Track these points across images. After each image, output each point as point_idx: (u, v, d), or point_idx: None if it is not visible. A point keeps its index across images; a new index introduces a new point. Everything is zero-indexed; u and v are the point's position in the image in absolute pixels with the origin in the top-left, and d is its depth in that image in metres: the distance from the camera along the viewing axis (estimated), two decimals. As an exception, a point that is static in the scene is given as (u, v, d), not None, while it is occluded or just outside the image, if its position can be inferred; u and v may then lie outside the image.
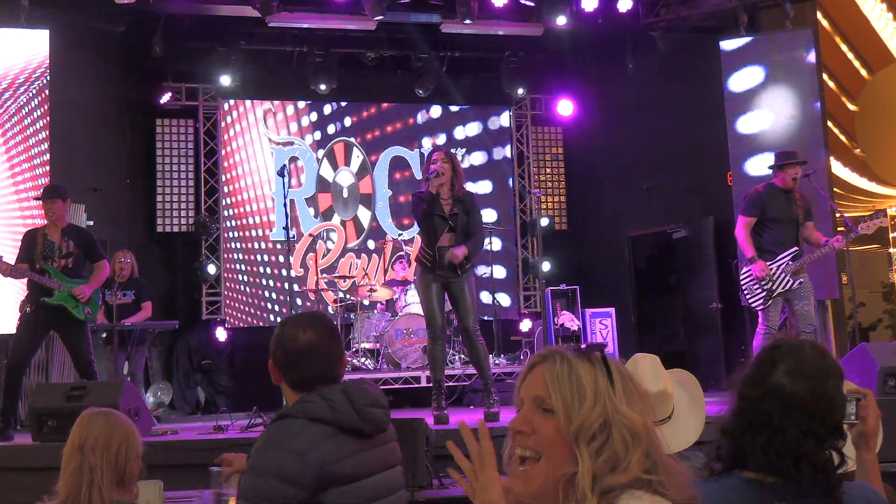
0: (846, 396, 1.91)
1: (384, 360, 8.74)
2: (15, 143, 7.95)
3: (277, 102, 10.82)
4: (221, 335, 10.09)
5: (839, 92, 10.30)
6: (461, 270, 6.15)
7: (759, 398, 1.82)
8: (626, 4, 9.29)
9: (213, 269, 10.31)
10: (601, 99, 11.00)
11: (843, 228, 7.25)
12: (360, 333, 8.97)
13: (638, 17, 9.60)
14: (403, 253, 9.79)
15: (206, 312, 10.32)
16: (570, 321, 9.30)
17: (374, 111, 11.13)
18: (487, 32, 10.08)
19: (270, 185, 10.57)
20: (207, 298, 10.37)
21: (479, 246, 6.41)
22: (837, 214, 7.80)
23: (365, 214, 10.92)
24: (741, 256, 6.87)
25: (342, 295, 9.54)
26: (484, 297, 10.26)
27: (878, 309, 12.42)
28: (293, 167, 10.65)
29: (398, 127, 11.18)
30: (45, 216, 6.40)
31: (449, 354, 8.43)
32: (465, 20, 9.20)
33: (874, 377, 5.65)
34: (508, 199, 11.43)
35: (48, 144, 8.00)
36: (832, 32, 9.85)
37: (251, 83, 10.41)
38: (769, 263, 6.31)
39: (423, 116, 11.26)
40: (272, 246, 10.60)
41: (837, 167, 9.99)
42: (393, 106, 11.20)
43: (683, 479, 1.45)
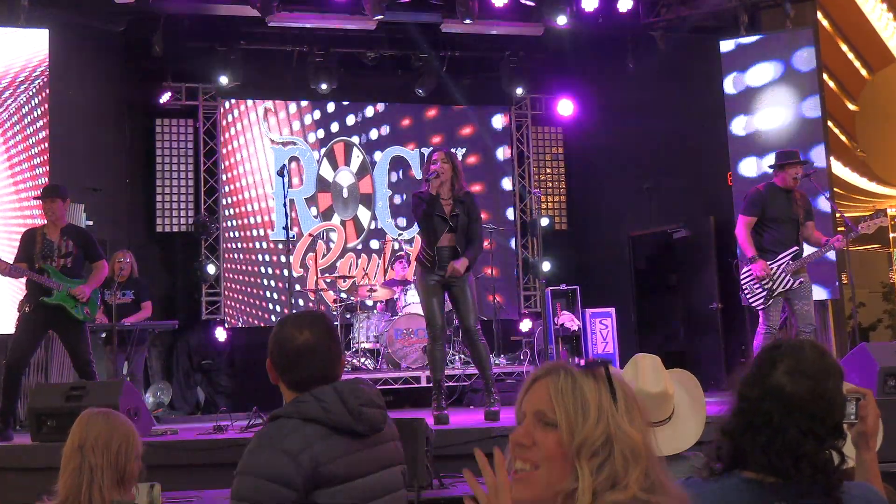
0: (846, 396, 1.90)
1: (384, 360, 8.74)
2: (15, 142, 7.95)
3: (277, 102, 10.82)
4: (221, 335, 10.09)
5: (839, 92, 10.30)
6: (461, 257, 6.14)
7: (758, 398, 1.81)
8: (626, 4, 9.28)
9: (212, 268, 10.31)
10: (601, 99, 10.99)
11: (843, 228, 7.25)
12: (360, 333, 8.96)
13: (638, 16, 9.59)
14: (403, 253, 9.79)
15: (205, 312, 10.32)
16: (570, 321, 9.29)
17: (374, 111, 11.12)
18: (487, 32, 10.07)
19: (270, 184, 10.57)
20: (207, 298, 10.36)
21: (479, 252, 6.39)
22: (838, 214, 7.80)
23: (365, 214, 10.92)
24: (741, 256, 6.87)
25: (342, 295, 9.54)
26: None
27: (878, 309, 12.41)
28: (293, 167, 10.64)
29: (398, 127, 11.18)
30: (44, 216, 6.39)
31: (449, 354, 8.42)
32: (465, 20, 9.19)
33: (874, 377, 5.65)
34: (508, 198, 11.43)
35: (48, 144, 7.99)
36: (832, 32, 9.85)
37: (251, 83, 10.40)
38: (769, 263, 6.30)
39: (422, 116, 11.25)
40: (272, 246, 10.60)
41: (838, 167, 9.99)
42: (393, 106, 11.20)
43: (681, 501, 1.45)
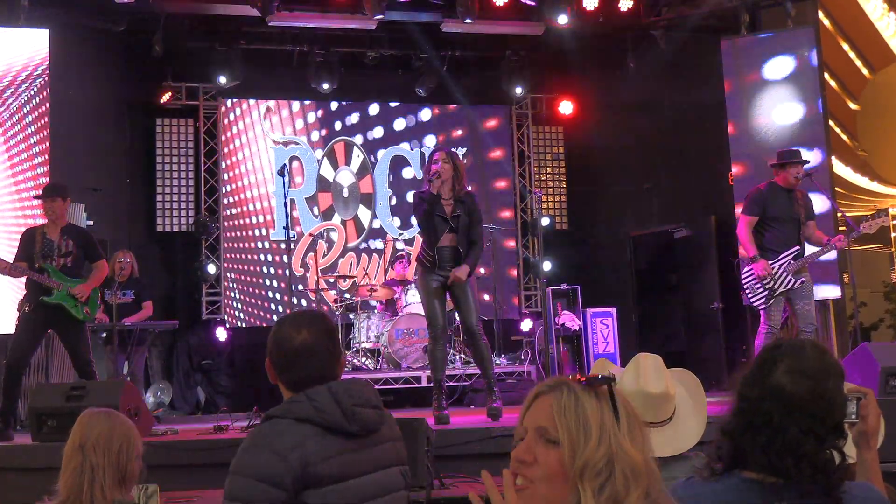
0: (847, 395, 1.90)
1: (384, 360, 8.73)
2: (16, 141, 7.95)
3: (278, 102, 10.80)
4: (221, 335, 10.08)
5: (841, 91, 10.29)
6: (462, 264, 6.12)
7: (759, 398, 1.81)
8: (627, 3, 9.28)
9: (213, 268, 10.30)
10: (602, 98, 10.99)
11: (844, 228, 7.23)
12: (360, 333, 8.96)
13: (639, 16, 9.59)
14: (404, 253, 9.78)
15: (206, 312, 10.31)
16: (570, 321, 9.29)
17: (374, 110, 11.11)
18: (488, 32, 10.07)
19: (270, 184, 10.56)
20: (207, 298, 10.36)
21: (480, 255, 6.37)
22: (839, 214, 7.79)
23: (365, 214, 10.91)
24: (743, 256, 6.86)
25: (343, 295, 9.53)
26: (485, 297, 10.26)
27: (879, 309, 12.38)
28: (293, 166, 10.63)
29: (399, 126, 11.16)
30: (44, 215, 6.38)
31: (449, 354, 8.41)
32: (465, 19, 9.18)
33: (875, 377, 5.63)
34: (509, 198, 11.41)
35: (48, 144, 7.99)
36: (833, 31, 9.84)
37: (251, 82, 10.39)
38: (771, 262, 6.29)
39: (423, 116, 11.24)
40: (272, 245, 10.59)
41: (839, 167, 9.98)
42: (393, 105, 11.19)
43: None
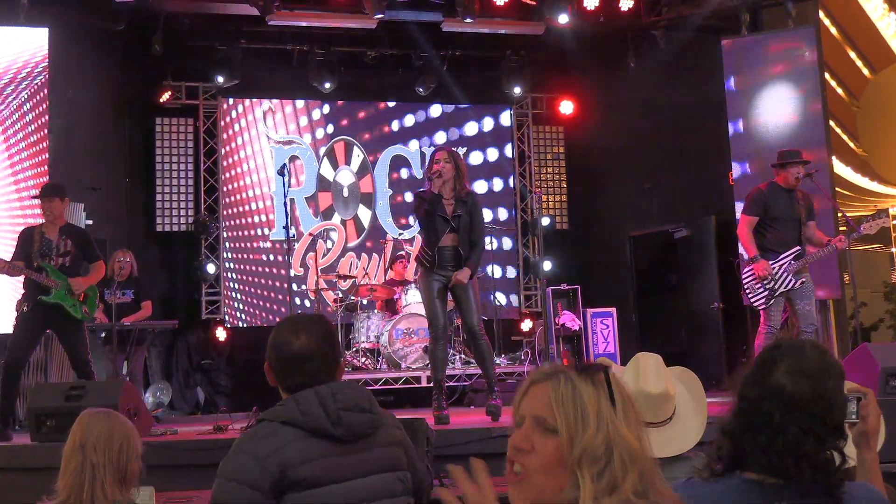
0: (847, 396, 1.90)
1: (384, 360, 8.72)
2: (16, 140, 7.95)
3: (277, 101, 10.81)
4: (221, 335, 10.08)
5: (841, 91, 10.28)
6: (464, 266, 6.10)
7: (759, 398, 1.80)
8: (627, 3, 9.28)
9: (212, 268, 10.30)
10: (602, 98, 10.98)
11: (845, 228, 7.22)
12: (360, 333, 8.94)
13: (639, 15, 9.59)
14: (404, 253, 9.77)
15: (205, 312, 10.31)
16: (571, 321, 9.28)
17: (374, 110, 11.11)
18: (488, 31, 10.06)
19: (270, 184, 10.56)
20: (207, 298, 10.36)
21: (480, 256, 6.34)
22: (839, 214, 7.78)
23: (365, 214, 10.90)
24: (743, 256, 6.85)
25: (342, 295, 9.52)
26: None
27: (879, 309, 12.35)
28: (293, 166, 10.63)
29: (399, 126, 11.16)
30: (42, 215, 6.36)
31: (449, 354, 8.40)
32: (465, 19, 9.18)
33: (876, 377, 5.61)
34: (509, 198, 11.41)
35: (47, 143, 7.98)
36: (834, 31, 9.83)
37: (251, 82, 10.39)
38: (771, 263, 6.28)
39: (423, 115, 11.24)
40: (272, 245, 10.59)
41: (839, 167, 9.96)
42: (393, 105, 11.18)
43: (672, 499, 1.46)
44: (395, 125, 11.15)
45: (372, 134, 11.06)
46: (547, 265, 9.86)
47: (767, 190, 6.45)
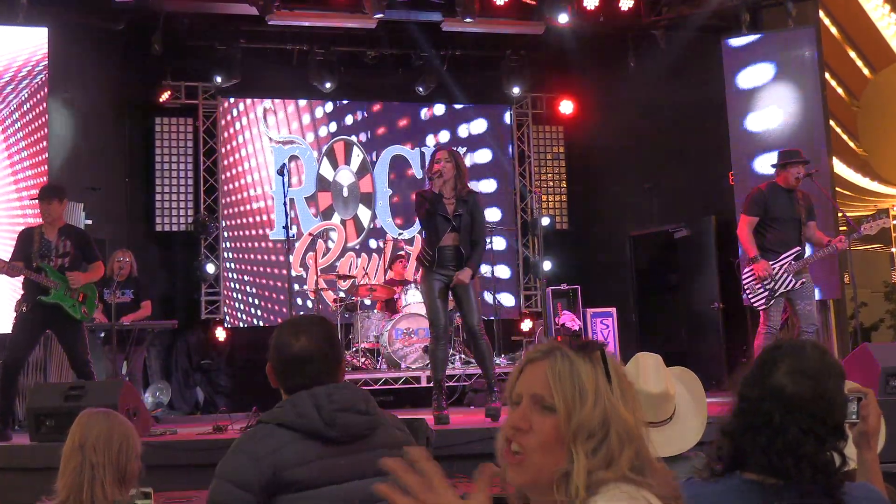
0: (847, 396, 1.89)
1: (384, 360, 8.71)
2: (16, 139, 7.94)
3: (277, 101, 10.80)
4: (220, 335, 10.07)
5: (841, 91, 10.27)
6: (465, 266, 6.09)
7: (759, 398, 1.80)
8: (627, 3, 9.27)
9: (212, 268, 10.29)
10: (602, 98, 10.97)
11: (845, 228, 7.22)
12: (359, 333, 8.94)
13: (640, 15, 9.58)
14: (404, 252, 9.76)
15: (205, 312, 10.30)
16: (570, 321, 9.27)
17: (374, 110, 11.10)
18: (488, 31, 10.05)
19: (270, 183, 10.55)
20: (206, 298, 10.35)
21: (482, 256, 6.34)
22: (840, 214, 7.78)
23: (365, 213, 10.90)
24: (743, 256, 6.84)
25: (342, 294, 9.51)
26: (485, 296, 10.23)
27: (880, 309, 12.35)
28: (293, 166, 10.62)
29: (399, 126, 11.15)
30: (41, 216, 6.35)
31: (448, 354, 8.39)
32: (465, 18, 9.17)
33: (876, 377, 5.61)
34: (509, 198, 11.40)
35: (47, 143, 7.97)
36: (834, 31, 9.83)
37: (251, 81, 10.37)
38: (771, 263, 6.28)
39: (423, 115, 11.23)
40: (272, 245, 10.58)
41: (840, 166, 9.96)
42: (393, 104, 11.17)
43: (669, 478, 1.45)
44: (394, 125, 11.14)
45: (372, 134, 11.05)
46: (547, 265, 9.86)
47: (767, 190, 6.45)
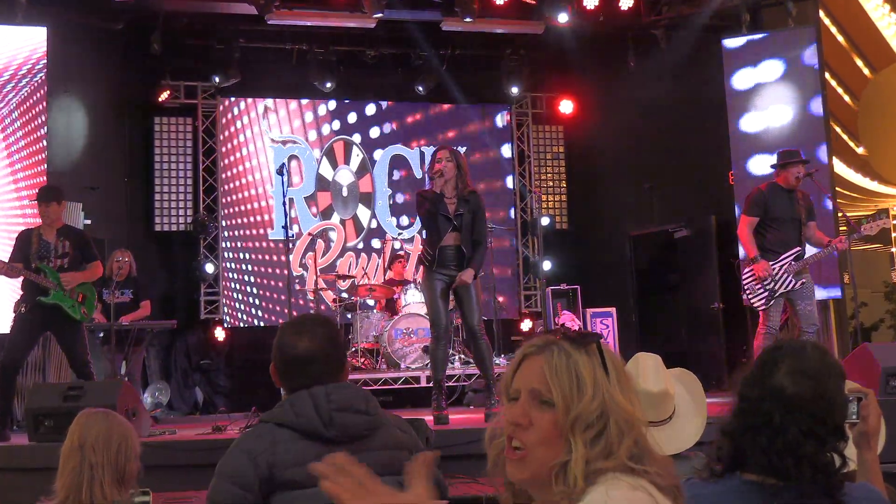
0: (847, 396, 1.89)
1: (383, 360, 8.70)
2: (16, 139, 7.93)
3: (276, 100, 10.78)
4: (220, 335, 10.06)
5: (842, 90, 10.26)
6: (467, 267, 6.08)
7: (759, 398, 1.80)
8: (627, 2, 9.26)
9: (211, 268, 10.28)
10: (602, 97, 10.96)
11: (845, 228, 7.21)
12: (359, 333, 8.93)
13: (640, 15, 9.57)
14: (403, 252, 9.75)
15: (204, 312, 10.28)
16: (570, 321, 9.26)
17: (373, 109, 11.09)
18: (488, 30, 10.04)
19: (269, 183, 10.54)
20: (206, 298, 10.33)
21: (483, 257, 6.33)
22: (840, 214, 7.77)
23: (364, 213, 10.88)
24: (744, 256, 6.83)
25: (342, 294, 9.50)
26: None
27: (880, 309, 12.34)
28: (292, 165, 10.60)
29: (398, 125, 11.14)
30: (40, 217, 6.35)
31: (448, 354, 8.37)
32: (465, 18, 9.16)
33: (876, 378, 5.60)
34: (509, 198, 11.39)
35: (46, 142, 7.96)
36: (835, 31, 9.81)
37: (250, 81, 10.36)
38: (772, 263, 6.27)
39: (423, 115, 11.22)
40: (271, 245, 10.56)
41: (840, 166, 9.95)
42: (393, 104, 11.16)
43: (668, 465, 1.46)
44: (394, 124, 11.12)
45: (371, 133, 11.03)
46: (547, 265, 9.85)
47: (767, 190, 6.44)
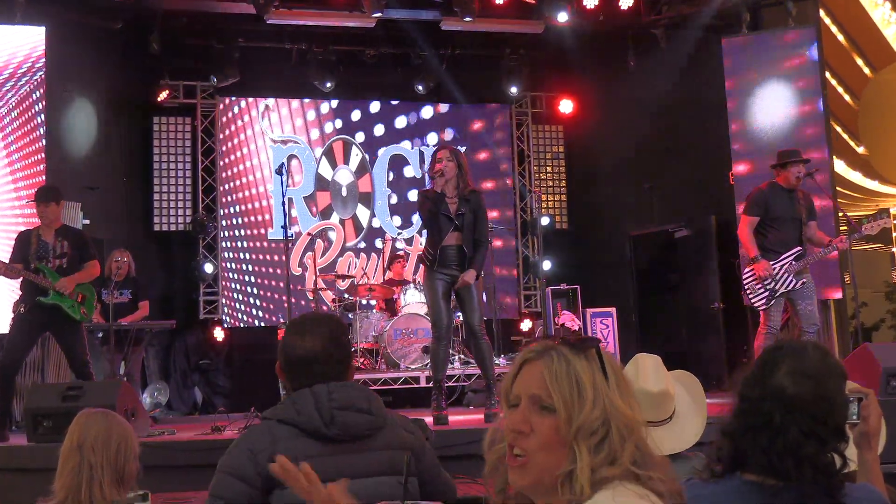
0: (848, 397, 1.88)
1: (383, 360, 8.69)
2: (16, 138, 7.92)
3: (276, 100, 10.76)
4: (219, 335, 10.05)
5: (842, 90, 10.25)
6: (469, 267, 6.06)
7: (760, 399, 1.79)
8: (627, 2, 9.24)
9: (210, 268, 10.27)
10: (602, 97, 10.95)
11: (846, 228, 7.20)
12: (358, 333, 8.91)
13: (639, 14, 9.56)
14: (403, 252, 9.73)
15: (203, 312, 10.27)
16: (570, 321, 9.25)
17: (373, 109, 11.07)
18: (487, 30, 10.02)
19: (268, 183, 10.52)
20: (205, 298, 10.32)
21: (485, 257, 6.32)
22: (840, 214, 7.76)
23: (364, 213, 10.87)
24: (744, 256, 6.82)
25: (341, 294, 9.49)
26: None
27: (880, 309, 12.35)
28: (292, 165, 10.59)
29: (397, 125, 11.13)
30: (38, 217, 6.34)
31: (449, 354, 8.36)
32: (465, 17, 9.15)
33: (877, 378, 5.58)
34: (509, 197, 11.38)
35: (45, 142, 7.95)
36: (835, 30, 9.81)
37: (249, 81, 10.35)
38: (772, 263, 6.26)
39: (422, 114, 11.20)
40: (270, 245, 10.55)
41: (840, 166, 9.94)
42: (392, 103, 11.15)
43: (668, 471, 1.46)
44: (393, 124, 11.11)
45: (370, 133, 11.02)
46: (546, 265, 9.83)
47: (768, 190, 6.43)
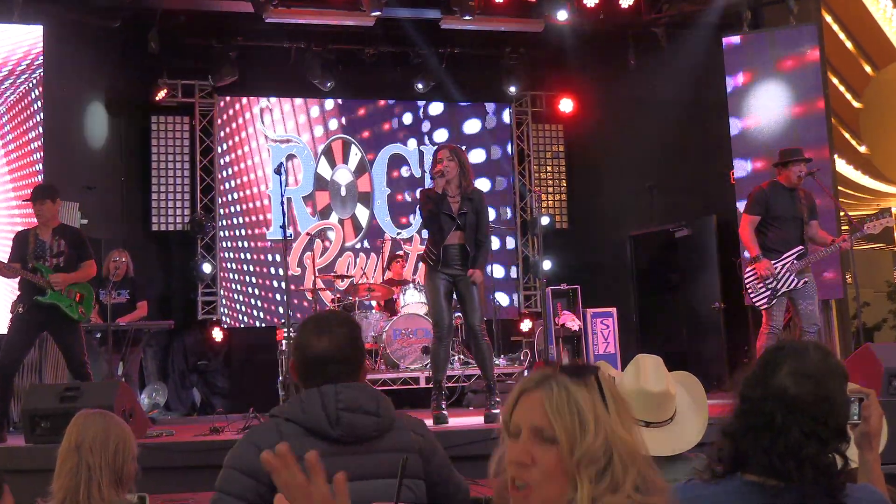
0: (849, 397, 1.87)
1: (382, 360, 8.66)
2: (13, 137, 7.91)
3: (274, 99, 10.75)
4: (217, 335, 10.03)
5: (843, 89, 10.22)
6: (471, 266, 6.04)
7: (761, 399, 1.78)
8: (627, 0, 9.21)
9: (208, 268, 10.24)
10: (602, 96, 10.93)
11: (847, 227, 7.17)
12: (358, 333, 8.88)
13: (640, 13, 9.55)
14: (402, 252, 9.70)
15: (201, 312, 10.25)
16: (570, 321, 9.22)
17: (372, 108, 11.06)
18: (487, 28, 10.00)
19: (267, 183, 10.50)
20: (203, 298, 10.29)
21: (487, 255, 6.32)
22: (842, 213, 7.73)
23: (363, 213, 10.85)
24: (745, 255, 6.79)
25: (340, 294, 9.46)
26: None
27: (882, 309, 12.31)
28: (290, 165, 10.57)
29: (397, 124, 11.11)
30: (35, 216, 6.32)
31: (449, 354, 8.33)
32: (464, 16, 9.13)
33: (879, 378, 5.57)
34: (509, 197, 11.35)
35: (42, 141, 7.93)
36: (836, 28, 9.78)
37: (248, 80, 10.34)
38: (774, 262, 6.23)
39: (422, 113, 11.18)
40: (269, 245, 10.53)
41: (842, 165, 9.92)
42: (391, 103, 11.13)
43: (666, 493, 1.46)
44: (393, 123, 11.09)
45: (370, 132, 11.00)
46: (547, 265, 9.80)
47: (769, 189, 6.41)
